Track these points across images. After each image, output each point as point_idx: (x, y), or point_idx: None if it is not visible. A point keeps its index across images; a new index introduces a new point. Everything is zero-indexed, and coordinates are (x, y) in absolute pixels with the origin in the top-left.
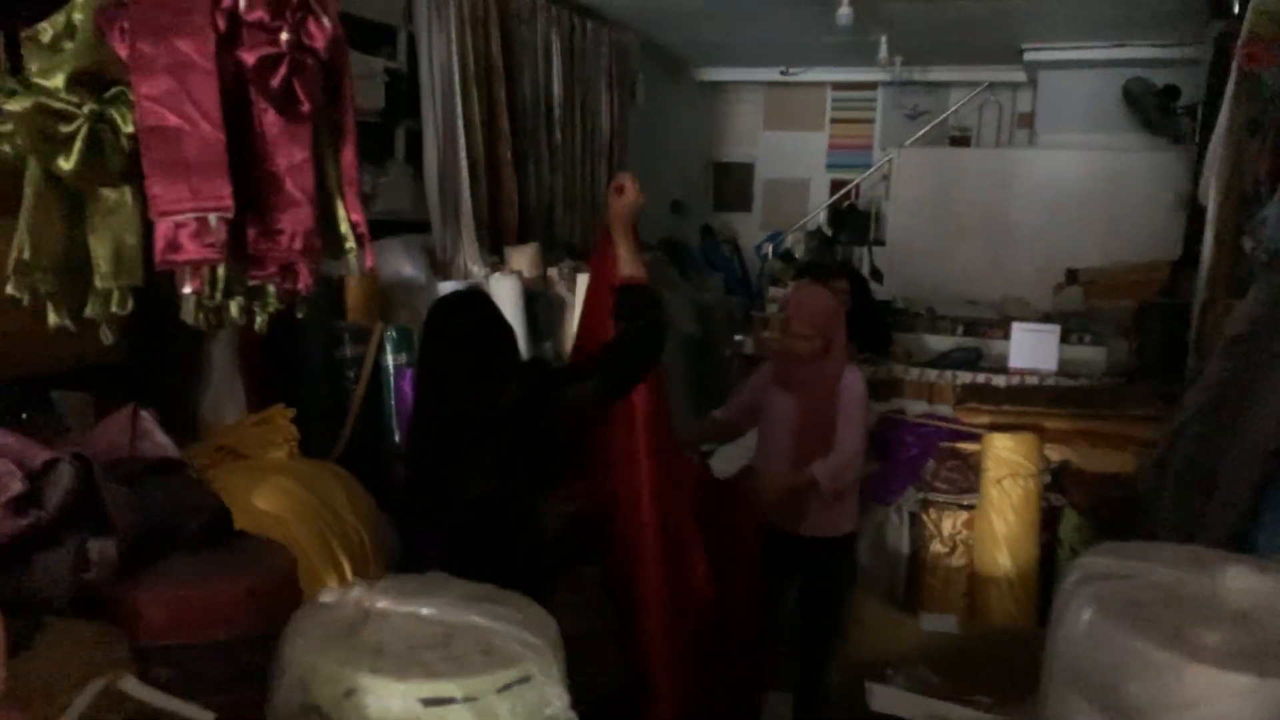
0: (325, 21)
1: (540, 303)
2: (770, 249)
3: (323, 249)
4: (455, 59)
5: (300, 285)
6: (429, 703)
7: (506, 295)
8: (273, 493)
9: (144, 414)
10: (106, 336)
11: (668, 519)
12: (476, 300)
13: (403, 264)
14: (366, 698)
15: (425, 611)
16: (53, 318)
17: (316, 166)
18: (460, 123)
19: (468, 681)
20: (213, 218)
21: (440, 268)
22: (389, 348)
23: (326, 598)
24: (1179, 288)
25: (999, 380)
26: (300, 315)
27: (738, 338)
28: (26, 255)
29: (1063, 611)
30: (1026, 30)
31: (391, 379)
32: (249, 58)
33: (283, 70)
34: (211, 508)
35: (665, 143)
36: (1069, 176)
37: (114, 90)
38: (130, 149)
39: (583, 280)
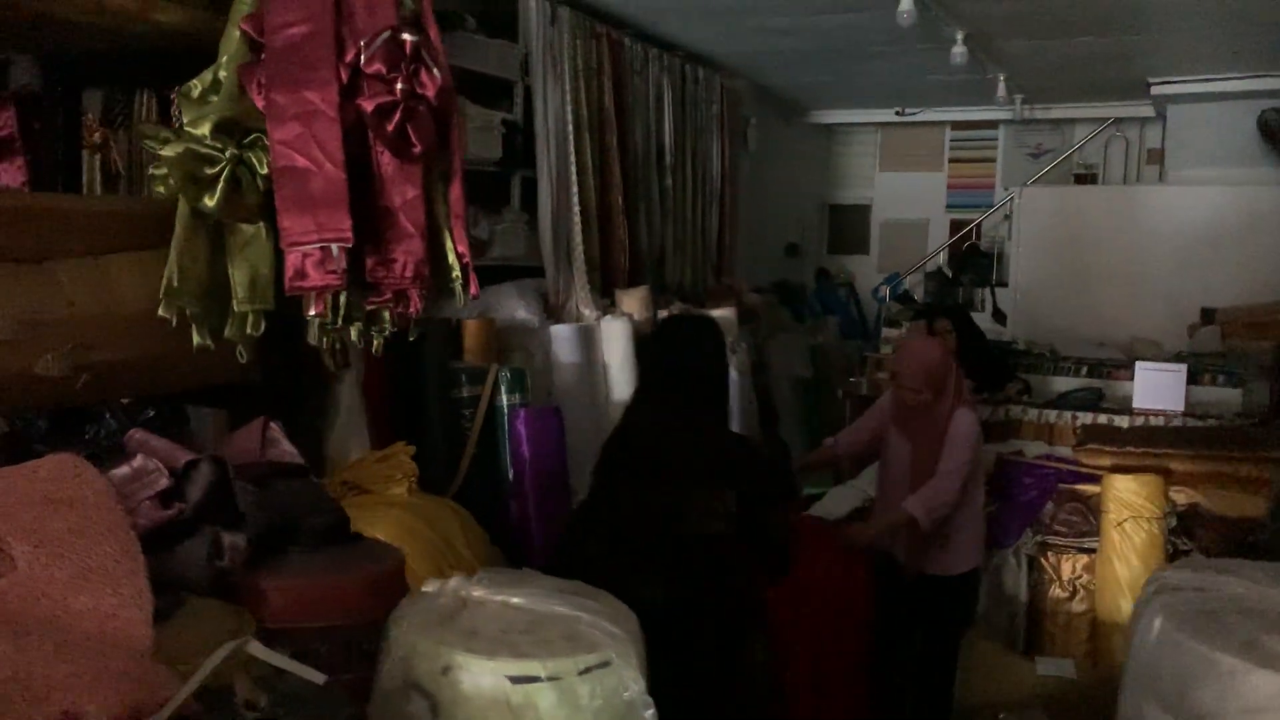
0: (436, 73)
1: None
2: (887, 291)
3: (431, 278)
4: (569, 109)
5: (412, 310)
6: (516, 680)
7: (617, 337)
8: (392, 526)
9: (273, 425)
10: (242, 355)
11: None
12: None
13: (517, 308)
14: (461, 674)
15: (516, 600)
16: (196, 338)
17: (427, 202)
18: (573, 171)
19: (552, 663)
20: (334, 247)
21: (553, 311)
22: (503, 388)
23: (429, 588)
24: None
25: (1122, 420)
26: (412, 339)
27: (852, 379)
28: (175, 281)
29: (1138, 621)
30: (1153, 64)
31: (506, 418)
32: (368, 105)
33: (397, 116)
34: (331, 509)
35: (780, 185)
36: (1201, 213)
37: (252, 136)
38: (265, 188)
39: None
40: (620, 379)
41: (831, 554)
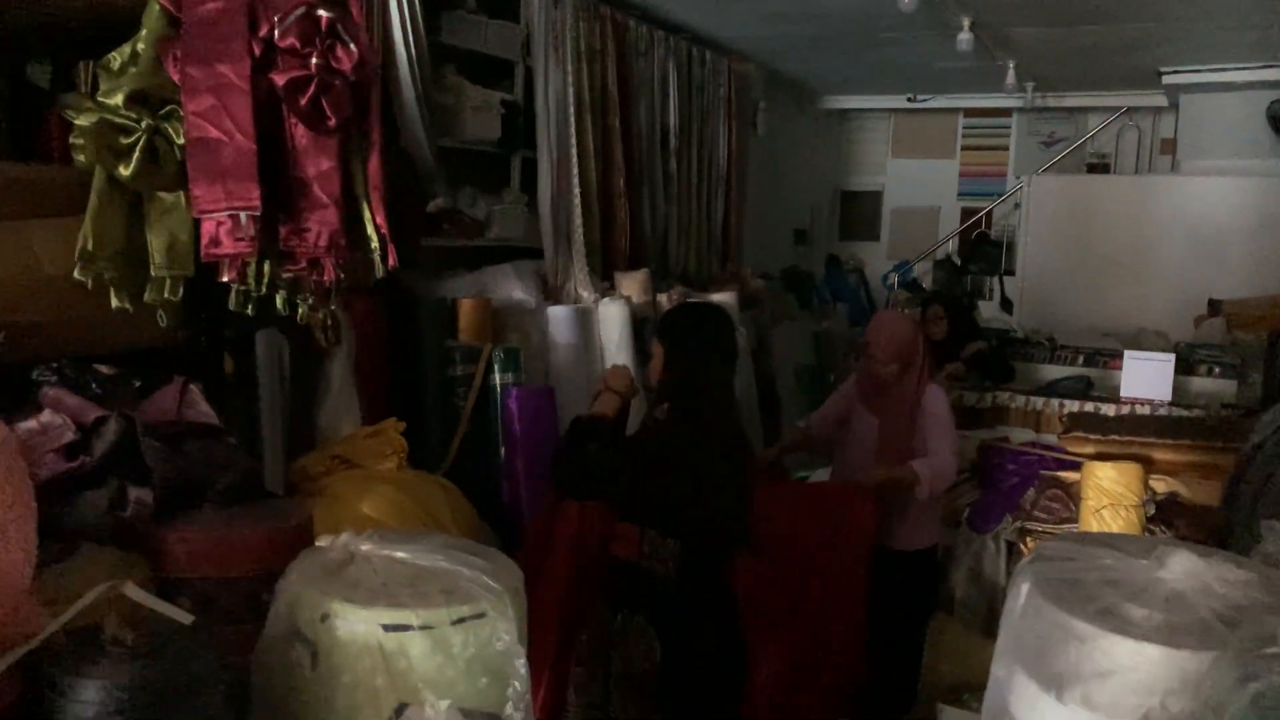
0: (353, 47)
1: (648, 328)
2: (896, 279)
3: (349, 247)
4: (570, 91)
5: (327, 278)
6: (390, 628)
7: (614, 320)
8: (380, 500)
9: (192, 387)
10: (162, 319)
11: None
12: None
13: (514, 288)
14: (338, 622)
15: (401, 555)
16: (115, 301)
17: (345, 175)
18: (574, 152)
19: (426, 612)
20: (243, 216)
21: (551, 293)
22: (497, 368)
23: (321, 542)
24: None
25: (1108, 409)
26: (334, 308)
27: (853, 364)
28: (90, 246)
29: (1011, 589)
30: (1165, 53)
31: (499, 397)
32: (280, 79)
33: (311, 90)
34: (243, 468)
35: (790, 171)
36: (1213, 204)
37: (168, 108)
38: (182, 158)
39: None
40: (617, 361)
41: (839, 525)
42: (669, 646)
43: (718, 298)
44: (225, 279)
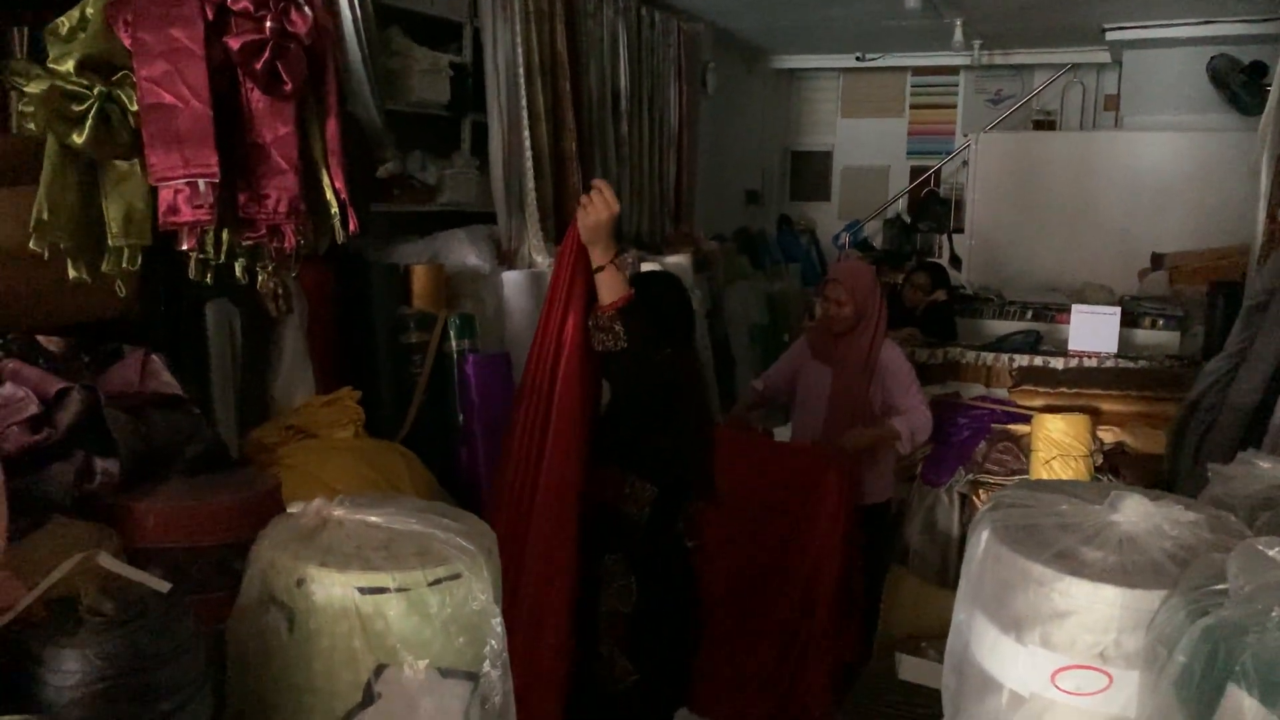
0: (307, 10)
1: None
2: (848, 238)
3: (309, 214)
4: (520, 52)
5: (287, 245)
6: (366, 591)
7: None
8: (338, 469)
9: (154, 358)
10: (121, 290)
11: None
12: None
13: (468, 254)
14: (314, 586)
15: (374, 519)
16: (72, 272)
17: (302, 140)
18: (525, 116)
19: (401, 575)
20: (201, 183)
21: (505, 257)
22: (452, 334)
23: (293, 509)
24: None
25: (1057, 362)
26: (294, 275)
27: (806, 324)
28: (45, 215)
29: (970, 535)
30: (1109, 10)
31: (455, 364)
32: (234, 43)
33: (266, 54)
34: (208, 439)
35: (740, 132)
36: (1156, 159)
37: (121, 74)
38: (136, 125)
39: (647, 268)
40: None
41: (815, 483)
42: (644, 588)
43: (671, 260)
44: (184, 247)
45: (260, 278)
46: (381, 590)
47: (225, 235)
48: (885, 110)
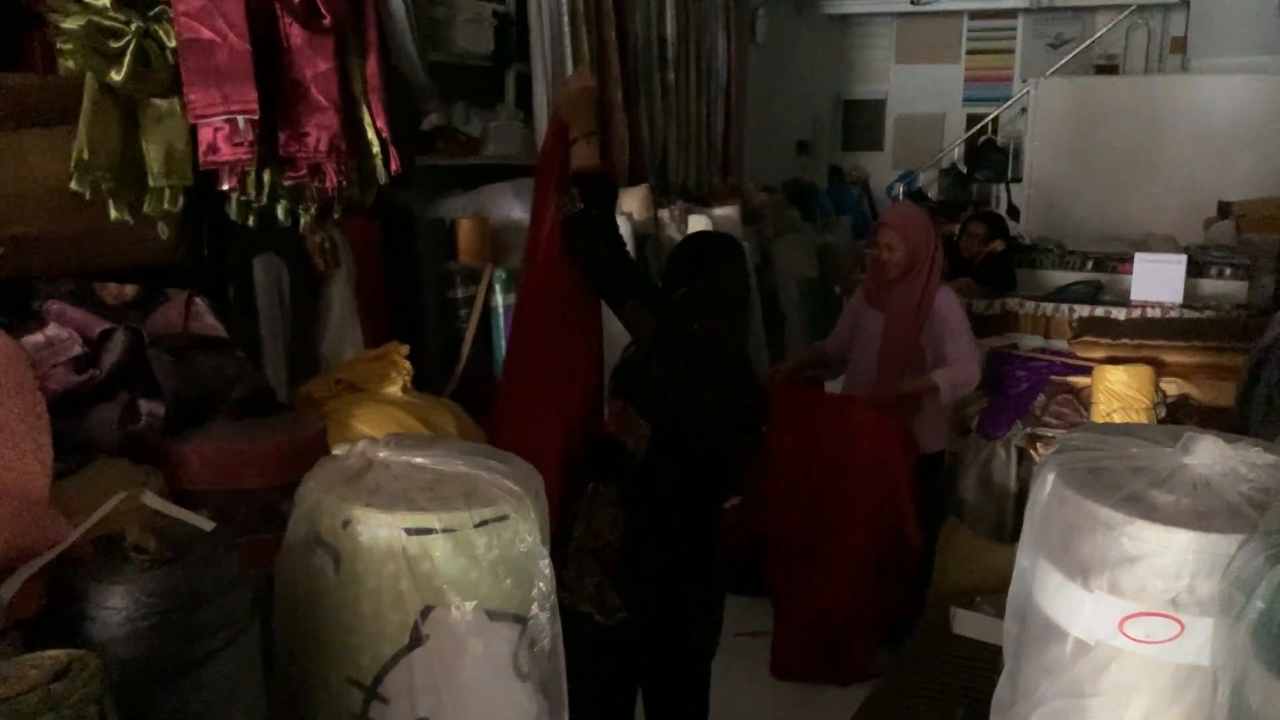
0: None
1: (650, 245)
2: (901, 189)
3: (350, 153)
4: (564, 0)
5: (329, 185)
6: (412, 532)
7: None
8: (386, 424)
9: (197, 300)
10: (163, 232)
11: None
12: None
13: (513, 207)
14: (360, 527)
15: (419, 460)
16: (113, 212)
17: (342, 77)
18: (570, 65)
19: (448, 515)
20: (241, 120)
21: None
22: (498, 289)
23: (338, 450)
24: None
25: (1119, 313)
26: (336, 216)
27: (856, 276)
28: (85, 155)
29: (1035, 479)
30: None
31: (501, 318)
32: None
33: None
34: (253, 381)
35: (790, 80)
36: (1224, 104)
37: (157, 9)
38: (175, 62)
39: (695, 221)
40: None
41: (864, 427)
42: (634, 522)
43: (719, 212)
44: (225, 187)
45: (304, 221)
46: (428, 531)
47: (267, 176)
48: (941, 56)
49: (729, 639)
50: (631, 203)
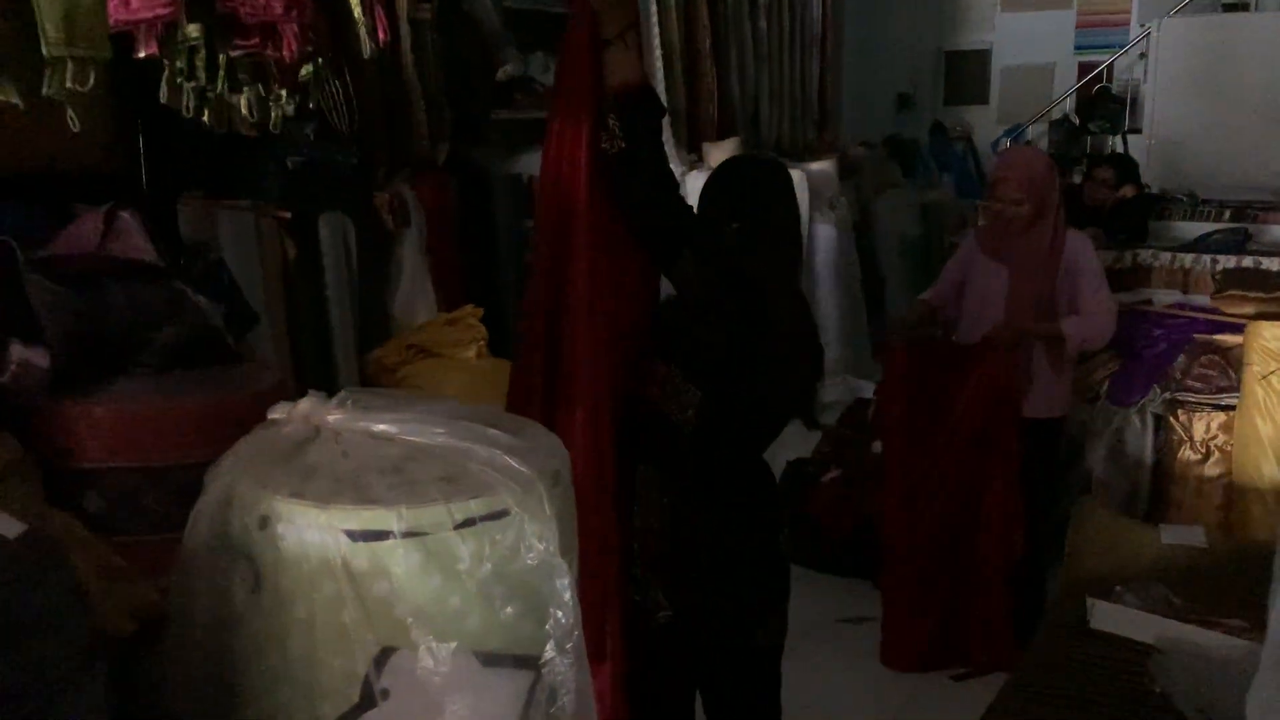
0: None
1: None
2: (1008, 145)
3: (319, 11)
4: None
5: (287, 53)
6: (357, 536)
7: None
8: (460, 390)
9: (124, 215)
10: (73, 122)
11: None
12: None
13: None
14: (282, 528)
15: (382, 428)
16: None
17: None
18: (655, 9)
19: (414, 511)
20: None
21: None
22: None
23: (275, 413)
24: None
25: (1271, 263)
26: (312, 105)
27: (966, 232)
28: None
29: None
30: None
31: None
32: None
33: None
34: (190, 320)
35: (890, 31)
36: None
37: None
38: None
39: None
40: None
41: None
42: (680, 508)
43: (815, 167)
44: (142, 54)
45: (274, 116)
46: (382, 535)
47: (201, 51)
48: (1050, 2)
49: (831, 625)
50: (720, 157)
